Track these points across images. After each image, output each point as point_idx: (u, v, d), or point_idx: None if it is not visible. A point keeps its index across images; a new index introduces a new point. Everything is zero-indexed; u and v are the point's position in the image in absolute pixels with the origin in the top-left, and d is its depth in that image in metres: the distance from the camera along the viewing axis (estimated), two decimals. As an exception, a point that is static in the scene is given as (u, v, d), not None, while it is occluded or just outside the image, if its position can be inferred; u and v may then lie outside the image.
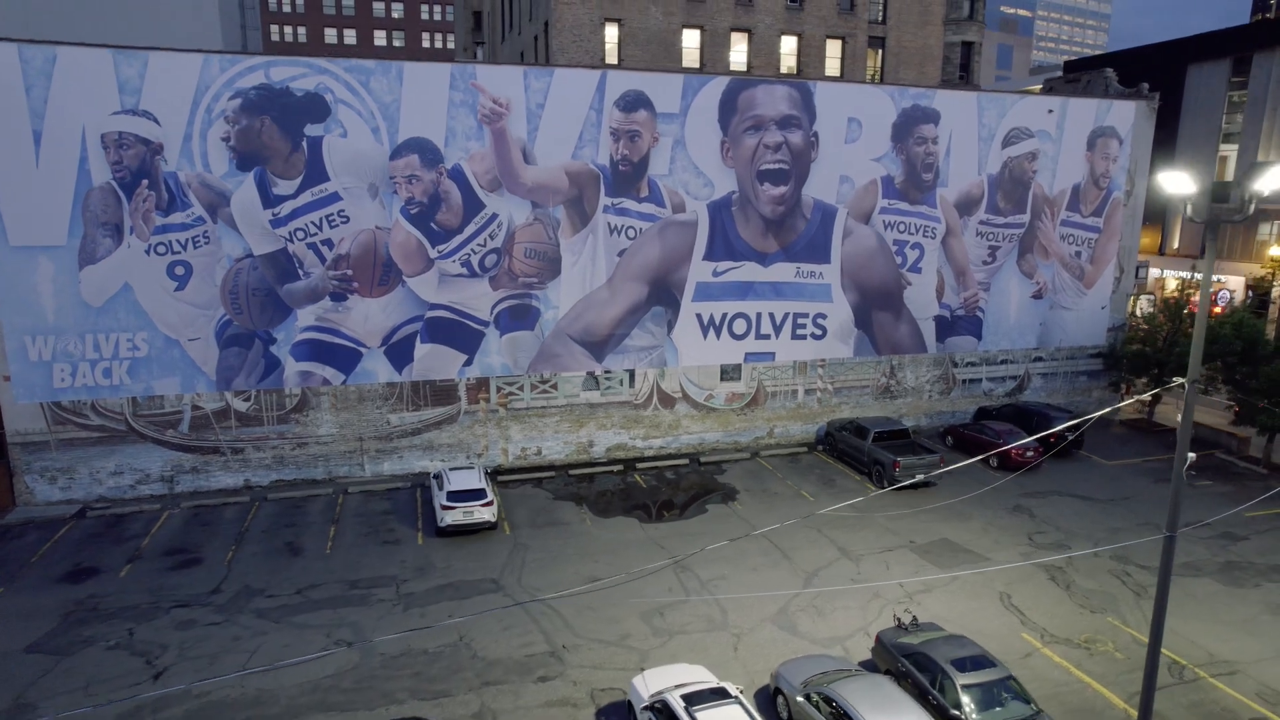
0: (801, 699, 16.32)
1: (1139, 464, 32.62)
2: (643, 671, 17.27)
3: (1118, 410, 37.82)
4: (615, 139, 30.34)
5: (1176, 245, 54.39)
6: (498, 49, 59.03)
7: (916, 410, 36.89)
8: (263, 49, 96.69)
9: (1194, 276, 39.32)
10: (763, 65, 45.14)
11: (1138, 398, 33.92)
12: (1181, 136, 51.59)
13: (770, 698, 17.75)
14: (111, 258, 26.67)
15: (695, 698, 15.30)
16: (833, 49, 46.61)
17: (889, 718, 14.95)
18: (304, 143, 27.58)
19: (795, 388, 34.82)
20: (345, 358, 29.35)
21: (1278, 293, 46.32)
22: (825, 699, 15.74)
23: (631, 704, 16.61)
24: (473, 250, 29.62)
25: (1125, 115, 37.16)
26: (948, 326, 36.36)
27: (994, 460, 30.99)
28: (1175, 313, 36.35)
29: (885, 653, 18.21)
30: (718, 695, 15.45)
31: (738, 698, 15.49)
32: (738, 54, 45.03)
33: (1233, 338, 32.23)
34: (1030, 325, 37.78)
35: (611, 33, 42.62)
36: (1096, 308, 38.68)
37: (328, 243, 28.37)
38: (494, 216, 29.62)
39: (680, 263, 31.93)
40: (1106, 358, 38.81)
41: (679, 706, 15.06)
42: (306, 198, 27.91)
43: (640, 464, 32.38)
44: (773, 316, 33.52)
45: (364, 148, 28.11)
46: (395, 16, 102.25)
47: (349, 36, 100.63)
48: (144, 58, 25.90)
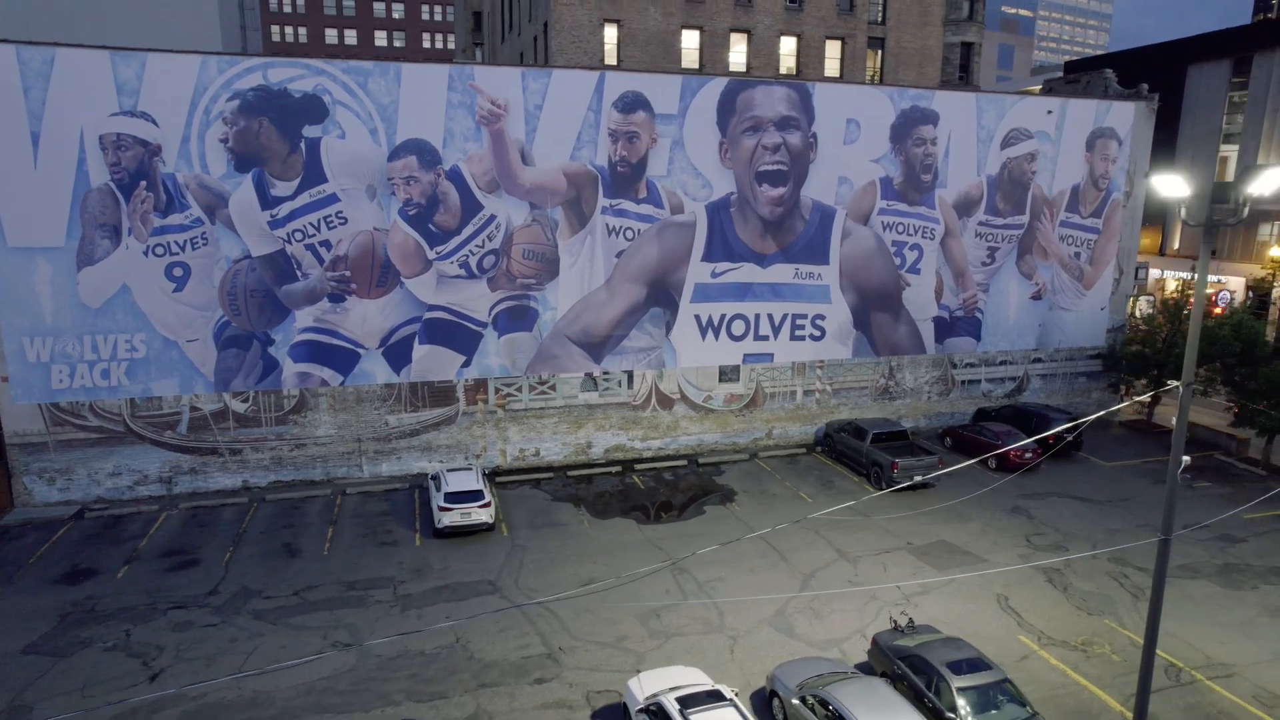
0: (797, 701, 16.31)
1: (1138, 465, 32.59)
2: (638, 674, 17.27)
3: (1117, 411, 37.79)
4: (613, 140, 30.33)
5: (1177, 246, 54.32)
6: (497, 49, 59.05)
7: (915, 411, 36.86)
8: (263, 49, 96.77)
9: (1194, 277, 39.25)
10: (762, 66, 45.12)
11: (1137, 399, 33.89)
12: (1182, 137, 51.51)
13: (766, 700, 17.74)
14: (110, 259, 26.70)
15: (690, 700, 15.30)
16: (832, 50, 46.59)
17: (884, 721, 14.94)
18: (302, 144, 27.60)
19: (794, 389, 34.80)
20: (343, 359, 29.37)
21: (1278, 293, 46.27)
22: (821, 702, 15.73)
23: (627, 706, 16.60)
24: (471, 251, 29.63)
25: (1125, 116, 37.13)
26: (946, 328, 36.33)
27: (992, 461, 31.00)
28: (1174, 314, 36.28)
29: (881, 655, 18.20)
30: (713, 698, 15.46)
31: (733, 700, 15.50)
32: (737, 55, 45.02)
33: (1231, 339, 32.21)
34: (1029, 326, 37.74)
35: (611, 34, 42.62)
36: (1096, 309, 38.65)
37: (326, 244, 28.39)
38: (492, 218, 29.63)
39: (679, 264, 31.92)
40: (1106, 359, 38.74)
41: (674, 709, 15.06)
42: (305, 199, 27.93)
43: (639, 465, 32.38)
44: (771, 318, 33.50)
45: (362, 149, 28.12)
46: (396, 17, 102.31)
47: (349, 37, 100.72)
48: (142, 59, 25.93)
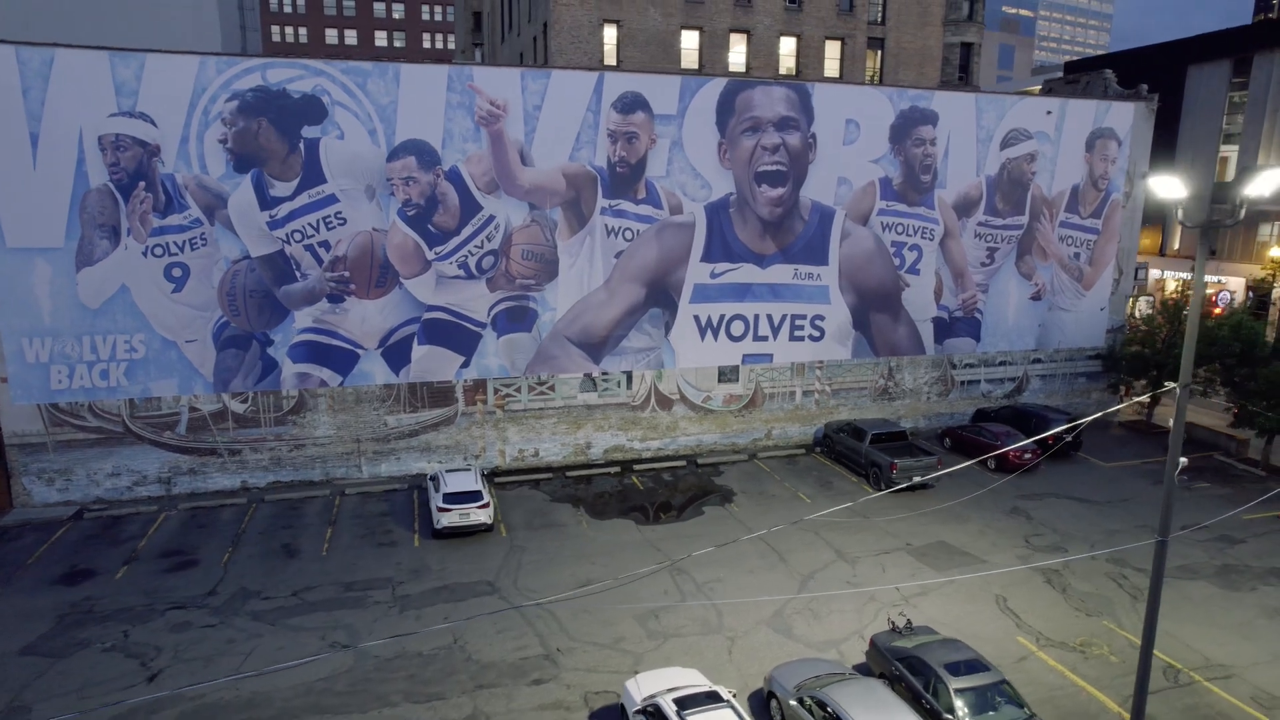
0: (795, 703, 16.30)
1: (1137, 466, 32.56)
2: (636, 675, 17.28)
3: (1116, 412, 37.76)
4: (613, 140, 30.33)
5: (1177, 246, 54.28)
6: (497, 50, 59.06)
7: (915, 412, 36.85)
8: (263, 50, 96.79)
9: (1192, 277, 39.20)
10: (762, 66, 45.12)
11: (1136, 399, 33.85)
12: (1182, 137, 51.44)
13: (764, 701, 17.74)
14: (109, 259, 26.71)
15: (687, 701, 15.30)
16: (832, 50, 46.58)
17: (881, 722, 14.94)
18: (301, 144, 27.60)
19: (793, 389, 34.79)
20: (342, 359, 29.37)
21: (1277, 294, 46.24)
22: (818, 703, 15.72)
23: (624, 707, 16.60)
24: (470, 252, 29.62)
25: (1124, 116, 37.11)
26: (946, 328, 36.31)
27: (991, 462, 30.99)
28: (1174, 314, 36.25)
29: (879, 656, 18.19)
30: (710, 699, 15.45)
31: (730, 701, 15.49)
32: (737, 55, 45.01)
33: (1230, 339, 32.19)
34: (1029, 327, 37.72)
35: (610, 34, 42.62)
36: (1095, 309, 38.63)
37: (325, 244, 28.39)
38: (491, 218, 29.63)
39: (678, 264, 31.92)
40: (1105, 359, 38.71)
41: (671, 710, 15.06)
42: (304, 199, 27.93)
43: (638, 466, 32.37)
44: (770, 318, 33.49)
45: (361, 149, 28.12)
46: (396, 17, 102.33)
47: (350, 37, 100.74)
48: (141, 59, 25.94)
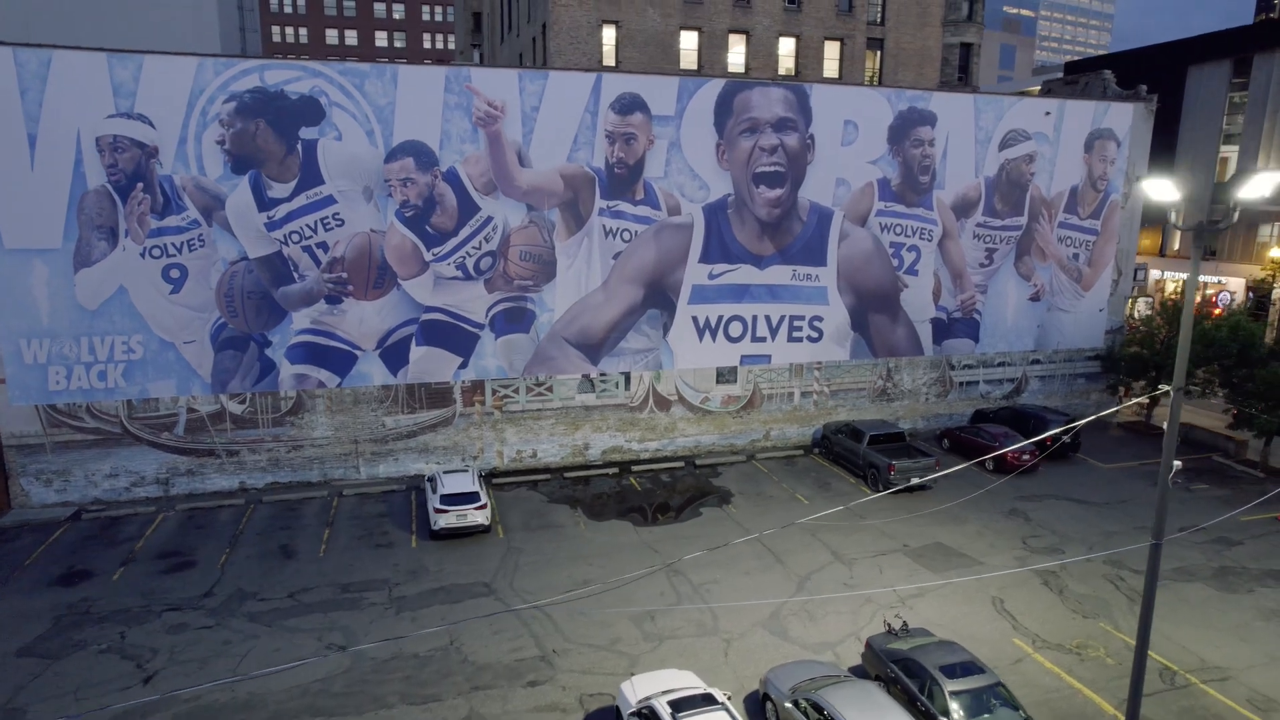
0: (790, 705, 16.29)
1: (1136, 467, 32.52)
2: (631, 677, 17.25)
3: (1115, 413, 37.71)
4: (610, 142, 30.32)
5: (1176, 247, 54.27)
6: (497, 50, 59.06)
7: (913, 413, 36.82)
8: (263, 50, 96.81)
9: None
10: (761, 67, 45.10)
11: (1135, 400, 33.79)
12: (1182, 138, 51.42)
13: (759, 703, 17.73)
14: (106, 261, 26.72)
15: (682, 704, 15.29)
16: (831, 51, 46.56)
17: (876, 725, 14.93)
18: (299, 146, 27.60)
19: (791, 390, 34.78)
20: (340, 360, 29.38)
21: (1277, 294, 46.20)
22: (813, 705, 15.71)
23: (619, 709, 16.60)
24: (468, 253, 29.62)
25: (1123, 117, 37.07)
26: (945, 329, 36.28)
27: (990, 463, 30.96)
28: (1173, 316, 36.20)
29: (875, 658, 18.17)
30: (705, 701, 15.44)
31: (724, 704, 15.48)
32: (736, 56, 44.99)
33: (1228, 341, 32.15)
34: (1028, 328, 37.69)
35: (609, 35, 42.62)
36: (1094, 310, 38.59)
37: (323, 245, 28.40)
38: (489, 219, 29.63)
39: (676, 265, 31.91)
40: (1104, 360, 38.66)
41: (665, 713, 15.06)
42: (301, 201, 27.94)
43: (636, 467, 32.36)
44: (769, 319, 33.48)
45: (359, 151, 28.13)
46: (396, 18, 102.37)
47: (350, 38, 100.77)
48: (138, 61, 25.95)
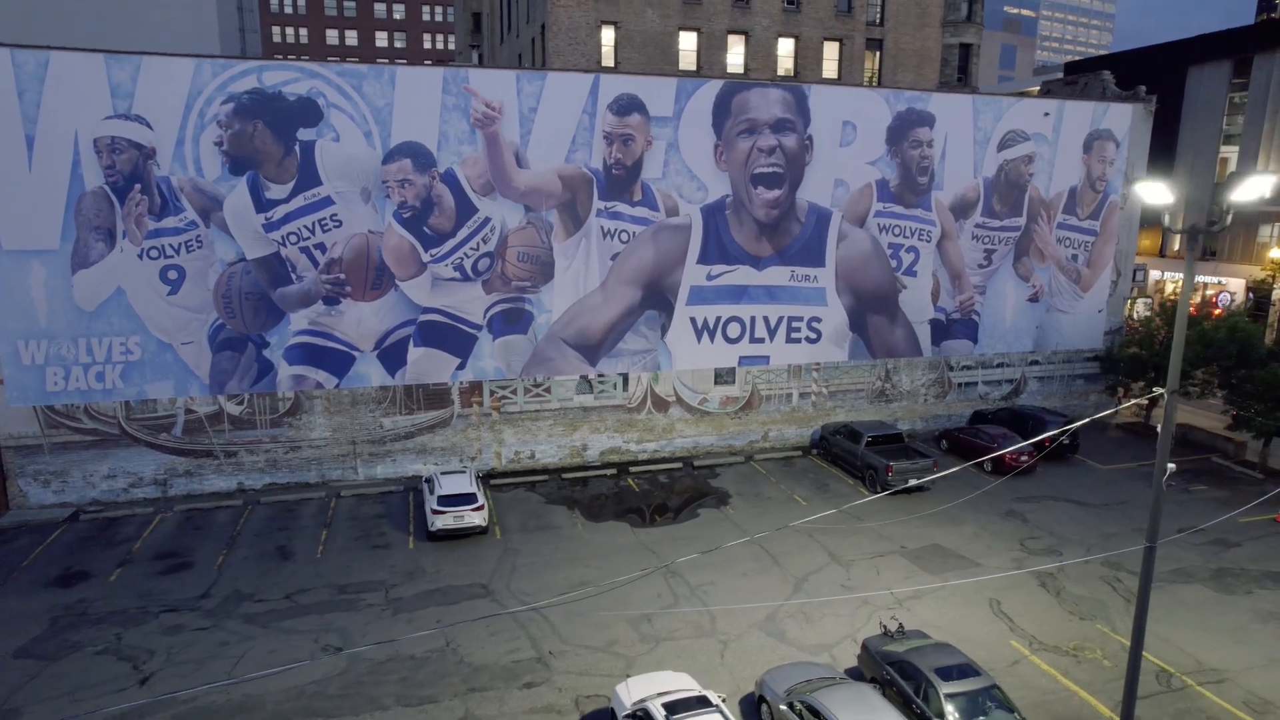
0: (785, 707, 16.28)
1: (1134, 468, 32.47)
2: (626, 679, 17.25)
3: (1114, 414, 37.67)
4: (608, 142, 30.31)
5: (1176, 248, 54.17)
6: (496, 51, 59.06)
7: (912, 414, 36.79)
8: (263, 51, 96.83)
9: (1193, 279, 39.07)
10: (760, 67, 45.08)
11: (1134, 401, 33.77)
12: (1182, 138, 51.34)
13: (755, 705, 17.72)
14: (104, 262, 26.74)
15: (676, 706, 15.29)
16: (830, 51, 46.53)
17: (871, 727, 14.92)
18: (296, 147, 27.61)
19: (790, 391, 34.76)
20: (338, 361, 29.38)
21: (1277, 295, 46.14)
22: (808, 707, 15.69)
23: (614, 711, 16.59)
24: (465, 254, 29.62)
25: (1122, 118, 37.03)
26: (943, 330, 36.25)
27: (988, 464, 30.94)
28: (1172, 316, 36.14)
29: (871, 660, 18.15)
30: (699, 704, 15.44)
31: (719, 706, 15.48)
32: (735, 56, 44.97)
33: (1227, 341, 32.10)
34: (1026, 329, 37.66)
35: (608, 35, 42.61)
36: (1093, 311, 38.55)
37: (320, 246, 28.40)
38: (487, 220, 29.63)
39: (674, 266, 31.90)
40: (1103, 361, 38.62)
41: (660, 715, 15.06)
42: (299, 202, 27.94)
43: (634, 468, 32.35)
44: (767, 320, 33.46)
45: (356, 152, 28.13)
46: (397, 18, 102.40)
47: (350, 38, 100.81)
48: (136, 62, 25.96)
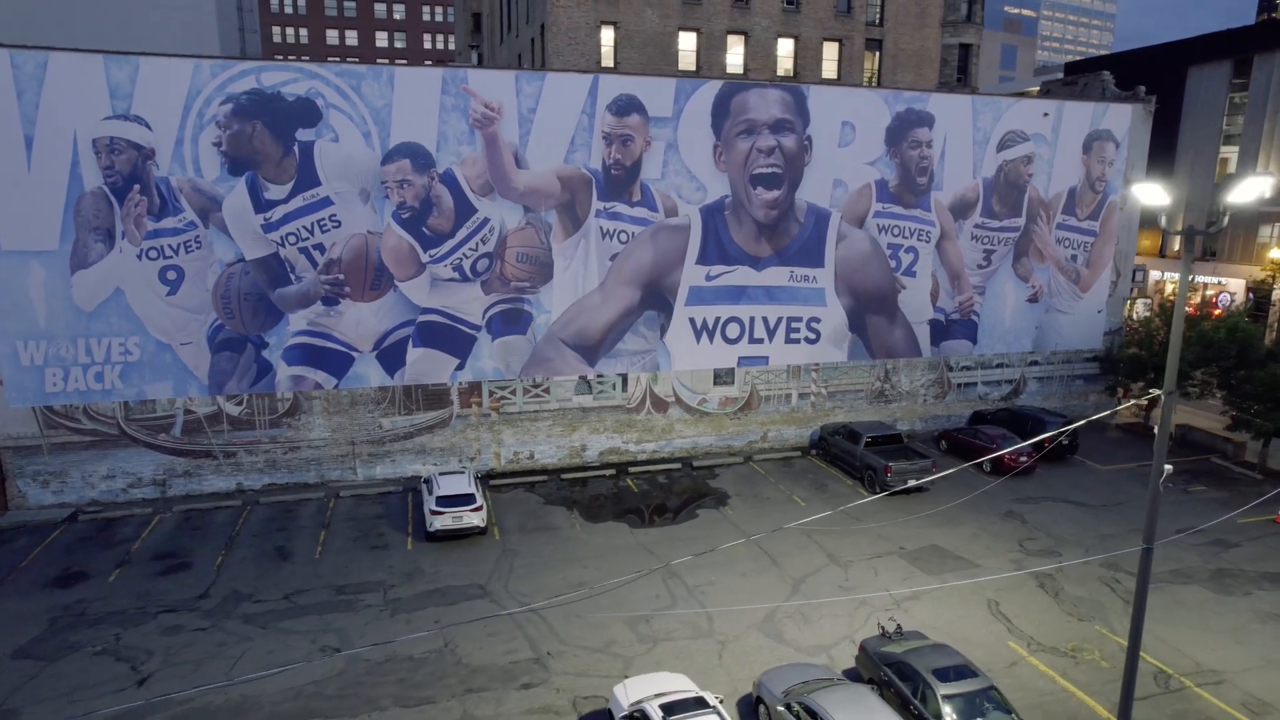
0: (782, 708, 16.27)
1: (1134, 469, 32.45)
2: (624, 680, 17.25)
3: (1114, 414, 37.66)
4: (607, 143, 30.31)
5: (1176, 248, 54.12)
6: (496, 51, 59.06)
7: (911, 414, 36.78)
8: (263, 51, 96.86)
9: (1193, 279, 39.13)
10: (759, 68, 45.07)
11: (1133, 402, 33.73)
12: (1182, 139, 51.32)
13: (752, 706, 17.72)
14: (103, 262, 26.75)
15: (674, 707, 15.28)
16: (830, 51, 46.51)
17: (868, 728, 14.92)
18: (295, 147, 27.61)
19: (789, 392, 34.75)
20: (337, 362, 29.39)
21: (1278, 295, 46.11)
22: (805, 709, 15.69)
23: (612, 713, 16.59)
24: (464, 255, 29.63)
25: (1122, 118, 37.01)
26: (942, 330, 36.24)
27: (987, 465, 30.92)
28: (1172, 317, 36.08)
29: (869, 661, 18.15)
30: (696, 705, 15.43)
31: (716, 708, 15.47)
32: (734, 56, 44.96)
33: (1227, 342, 32.08)
34: (1026, 329, 37.64)
35: (607, 35, 42.60)
36: (1093, 311, 38.53)
37: (319, 247, 28.41)
38: (486, 221, 29.63)
39: (673, 267, 31.90)
40: (1103, 362, 38.61)
41: (657, 716, 15.05)
42: (298, 202, 27.95)
43: (633, 468, 32.35)
44: (766, 320, 33.45)
45: (355, 152, 28.14)
46: (397, 18, 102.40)
47: (350, 38, 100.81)
48: (135, 63, 25.97)
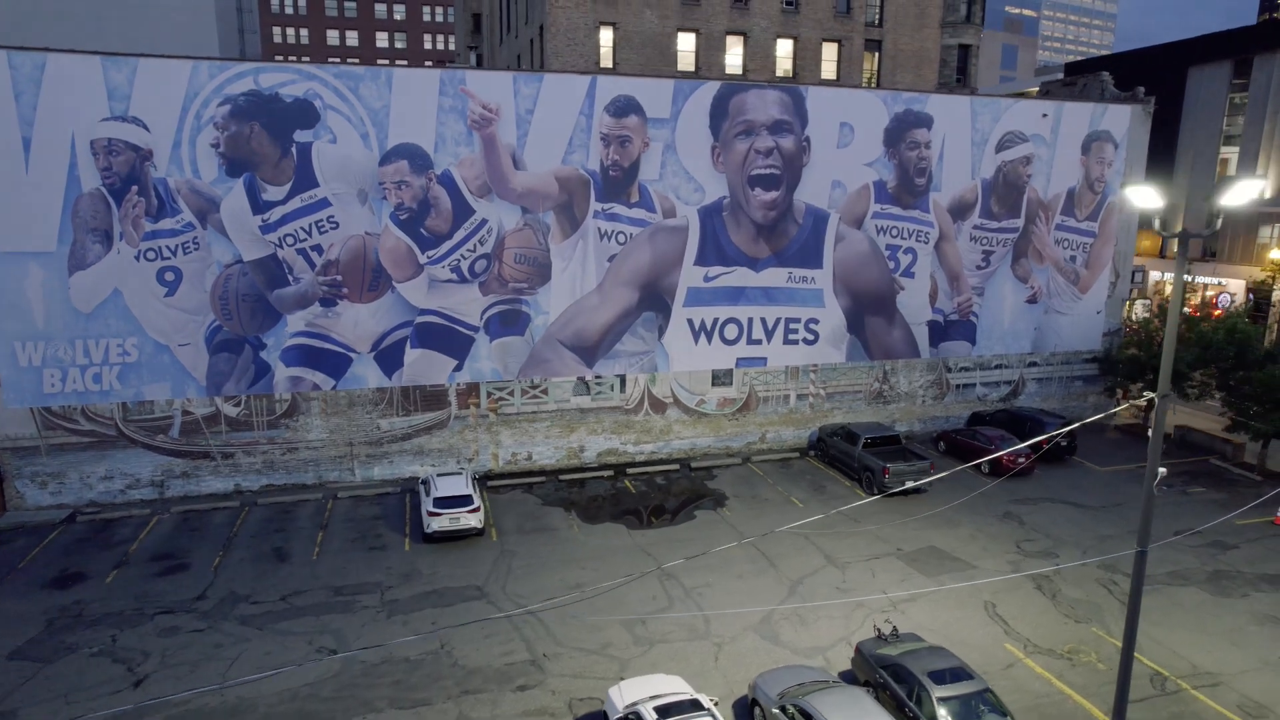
0: (777, 710, 16.27)
1: (1132, 470, 32.42)
2: (620, 682, 17.25)
3: (1112, 415, 37.64)
4: (605, 144, 30.31)
5: (1176, 249, 54.02)
6: (495, 51, 59.08)
7: (910, 415, 36.76)
8: (263, 51, 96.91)
9: (1193, 280, 39.09)
10: (758, 68, 45.06)
11: (1132, 403, 33.75)
12: (1182, 139, 51.25)
13: (748, 708, 17.71)
14: (101, 263, 26.77)
15: (668, 710, 15.29)
16: (829, 52, 46.51)
17: (862, 731, 14.91)
18: (293, 149, 27.63)
19: (787, 393, 34.75)
20: (335, 363, 29.40)
21: (1277, 296, 46.06)
22: (800, 711, 15.68)
23: (607, 715, 16.59)
24: (462, 256, 29.63)
25: (1120, 119, 36.97)
26: (941, 331, 36.22)
27: (985, 466, 30.90)
28: (1171, 318, 36.04)
29: (865, 664, 18.15)
30: (691, 707, 15.44)
31: (711, 710, 15.47)
32: (733, 57, 44.95)
33: (1226, 343, 32.05)
34: (1024, 330, 37.61)
35: (606, 36, 42.60)
36: (1091, 312, 38.49)
37: (317, 248, 28.42)
38: (484, 222, 29.63)
39: (671, 268, 31.89)
40: (1102, 363, 38.58)
41: (652, 719, 15.05)
42: (296, 203, 27.96)
43: (631, 469, 32.35)
44: (764, 321, 33.44)
45: (353, 153, 28.15)
46: (397, 19, 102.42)
47: (350, 39, 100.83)
48: (133, 64, 25.98)
